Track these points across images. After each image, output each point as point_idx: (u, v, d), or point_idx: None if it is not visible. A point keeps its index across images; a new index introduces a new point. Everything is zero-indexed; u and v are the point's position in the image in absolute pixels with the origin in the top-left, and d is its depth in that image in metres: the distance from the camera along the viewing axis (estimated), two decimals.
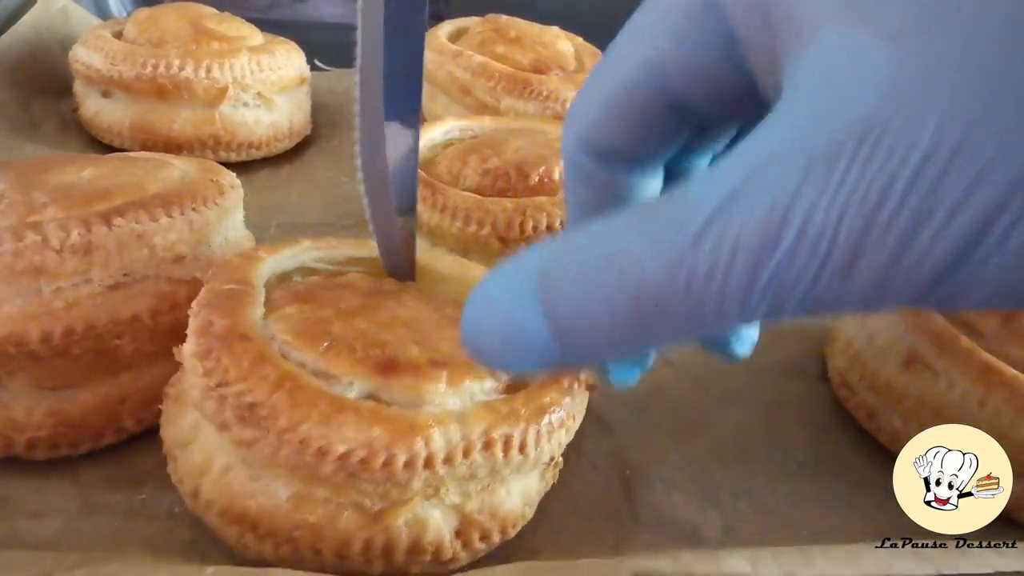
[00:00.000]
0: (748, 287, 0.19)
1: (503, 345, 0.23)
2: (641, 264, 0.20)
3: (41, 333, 0.33)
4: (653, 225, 0.20)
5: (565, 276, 0.22)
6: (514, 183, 0.49)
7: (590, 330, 0.22)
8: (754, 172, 0.19)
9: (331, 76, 0.82)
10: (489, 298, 0.24)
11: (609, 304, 0.21)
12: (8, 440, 0.34)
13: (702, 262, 0.19)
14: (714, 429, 0.42)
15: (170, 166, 0.41)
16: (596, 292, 0.21)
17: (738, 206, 0.19)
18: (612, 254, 0.21)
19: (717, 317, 0.20)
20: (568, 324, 0.22)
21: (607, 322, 0.21)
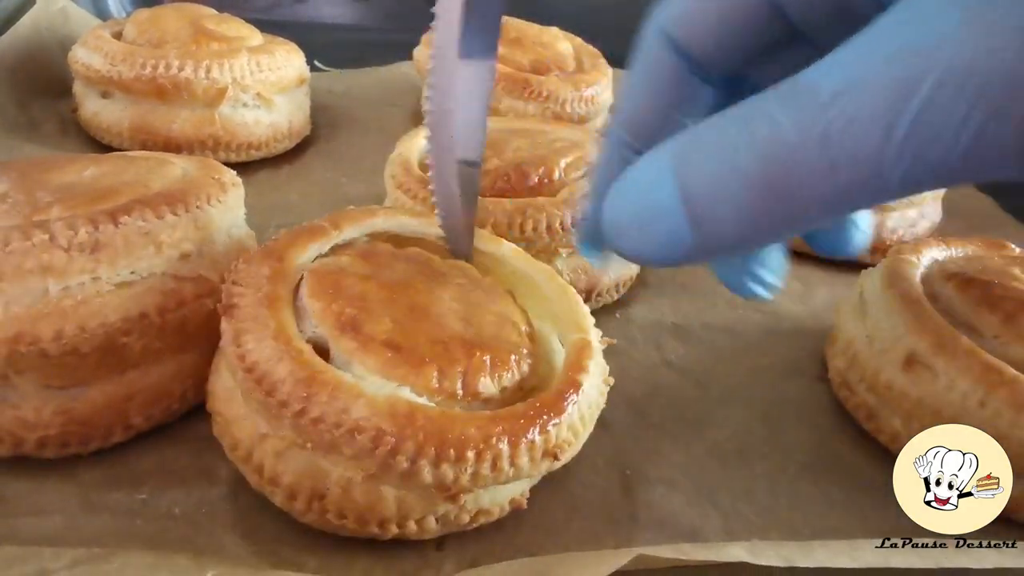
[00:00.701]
0: (884, 140, 0.19)
1: (638, 225, 0.24)
2: (776, 123, 0.20)
3: (52, 332, 0.33)
4: (789, 91, 0.21)
5: (699, 148, 0.22)
6: (514, 183, 0.49)
7: (722, 205, 0.22)
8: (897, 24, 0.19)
9: (331, 77, 0.82)
10: (630, 181, 0.24)
11: (742, 169, 0.21)
12: (18, 439, 0.34)
13: (838, 117, 0.19)
14: (714, 429, 0.42)
15: (171, 164, 0.41)
16: (729, 156, 0.21)
17: (875, 59, 0.19)
18: (747, 118, 0.21)
19: (851, 181, 0.20)
20: (700, 197, 0.22)
21: (739, 192, 0.21)
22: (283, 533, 0.34)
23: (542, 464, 0.31)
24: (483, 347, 0.32)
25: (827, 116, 0.20)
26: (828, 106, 0.20)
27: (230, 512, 0.34)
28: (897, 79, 0.19)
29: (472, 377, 0.31)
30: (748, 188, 0.21)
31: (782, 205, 0.21)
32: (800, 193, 0.21)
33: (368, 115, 0.76)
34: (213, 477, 0.36)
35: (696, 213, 0.22)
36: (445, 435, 0.29)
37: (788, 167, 0.20)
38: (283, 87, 0.64)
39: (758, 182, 0.21)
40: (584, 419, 0.33)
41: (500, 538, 0.35)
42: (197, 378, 0.38)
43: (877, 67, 0.19)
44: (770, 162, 0.21)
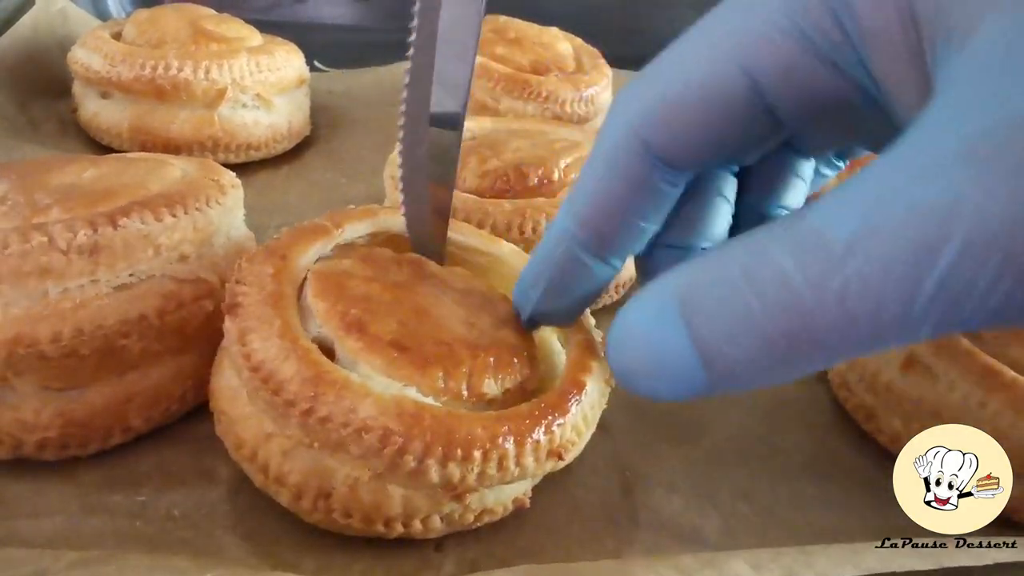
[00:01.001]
0: (907, 303, 0.18)
1: (650, 372, 0.23)
2: (787, 279, 0.19)
3: (51, 334, 0.33)
4: (798, 237, 0.20)
5: (706, 298, 0.21)
6: (513, 184, 0.49)
7: (736, 352, 0.21)
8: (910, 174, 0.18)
9: (330, 77, 0.82)
10: (632, 325, 0.23)
11: (755, 325, 0.20)
12: (17, 441, 0.34)
13: (855, 274, 0.18)
14: (713, 431, 0.42)
15: (170, 166, 0.41)
16: (741, 312, 0.20)
17: (892, 211, 0.18)
18: (755, 270, 0.20)
19: (873, 335, 0.19)
20: (714, 348, 0.21)
21: (753, 343, 0.20)
22: (283, 534, 0.34)
23: (546, 464, 0.31)
24: (486, 349, 0.32)
25: (844, 272, 0.19)
26: (843, 261, 0.19)
27: (230, 513, 0.34)
28: (917, 241, 0.18)
29: (477, 378, 0.31)
30: (763, 341, 0.20)
31: (800, 354, 0.20)
32: (819, 344, 0.20)
33: (368, 115, 0.76)
34: (213, 478, 0.36)
35: (710, 359, 0.21)
36: (452, 435, 0.29)
37: (805, 322, 0.19)
38: (283, 88, 0.64)
39: (774, 337, 0.20)
40: (587, 419, 0.33)
41: (500, 539, 0.35)
42: (196, 380, 0.38)
43: (893, 224, 0.18)
44: (785, 318, 0.20)
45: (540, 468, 0.31)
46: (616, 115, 0.26)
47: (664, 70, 0.25)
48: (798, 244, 0.20)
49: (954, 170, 0.18)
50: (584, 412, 0.33)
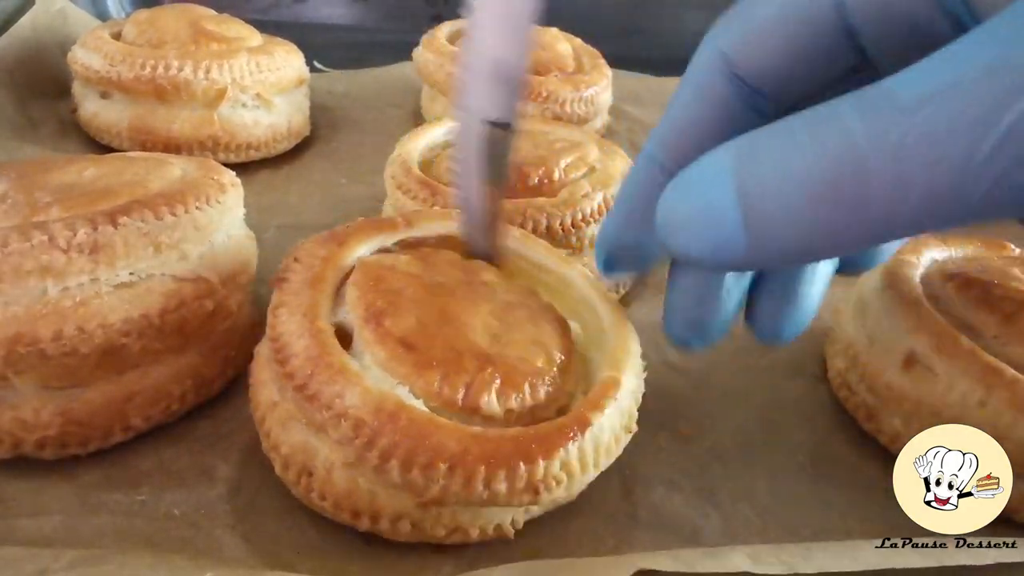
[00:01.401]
0: (966, 157, 0.18)
1: (691, 225, 0.22)
2: (847, 129, 0.19)
3: (51, 332, 0.33)
4: (867, 97, 0.19)
5: (762, 149, 0.21)
6: (514, 184, 0.49)
7: (780, 211, 0.20)
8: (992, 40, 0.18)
9: (330, 77, 0.82)
10: (687, 177, 0.23)
11: (804, 174, 0.20)
12: (17, 440, 0.34)
13: (917, 126, 0.18)
14: (714, 430, 0.42)
15: (170, 165, 0.41)
16: (793, 160, 0.20)
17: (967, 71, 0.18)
18: (817, 122, 0.20)
19: (923, 199, 0.18)
20: (758, 200, 0.21)
21: (799, 199, 0.20)
22: (282, 533, 0.34)
23: (522, 496, 0.30)
24: (498, 365, 0.31)
25: (905, 125, 0.18)
26: (908, 114, 0.18)
27: (229, 513, 0.34)
28: (989, 92, 0.17)
29: (476, 390, 0.31)
30: (809, 196, 0.20)
31: (844, 219, 0.20)
32: (866, 209, 0.19)
33: (368, 116, 0.76)
34: (212, 478, 0.36)
35: (753, 217, 0.21)
36: (421, 440, 0.29)
37: (856, 177, 0.19)
38: (282, 88, 0.64)
39: (821, 191, 0.19)
40: (586, 461, 0.31)
41: (499, 539, 0.35)
42: (196, 379, 0.38)
43: (969, 77, 0.18)
44: (836, 170, 0.19)
45: (514, 498, 0.30)
46: (706, 43, 0.26)
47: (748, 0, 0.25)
48: (868, 101, 0.19)
49: None
50: (583, 453, 0.31)
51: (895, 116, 0.19)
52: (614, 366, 0.34)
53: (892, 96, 0.19)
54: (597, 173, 0.51)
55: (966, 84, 0.18)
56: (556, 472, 0.30)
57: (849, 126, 0.19)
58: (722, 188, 0.21)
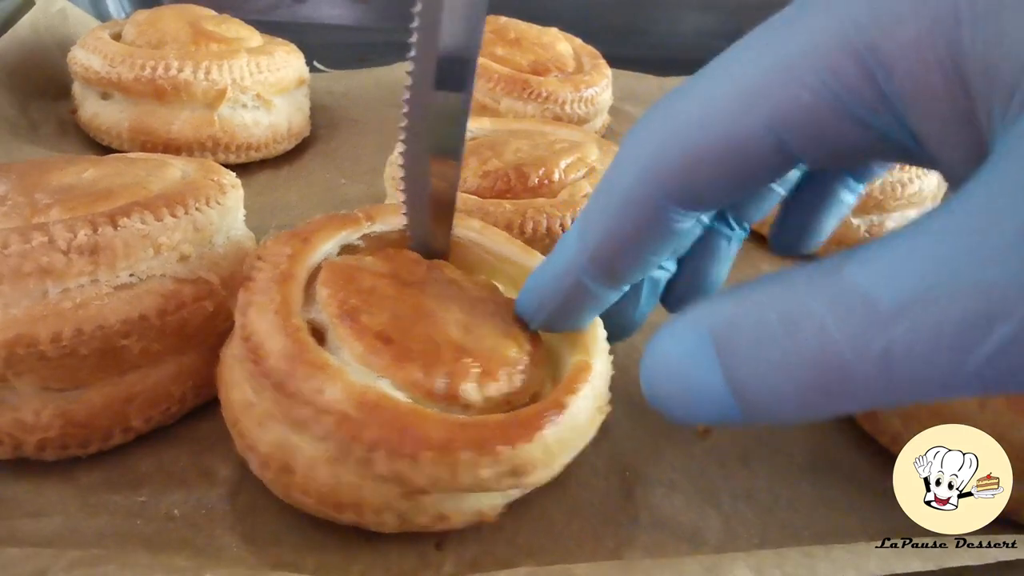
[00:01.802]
0: (954, 369, 0.18)
1: (685, 403, 0.23)
2: (827, 334, 0.19)
3: (51, 334, 0.32)
4: (840, 292, 0.19)
5: (743, 338, 0.21)
6: (514, 185, 0.49)
7: (771, 395, 0.21)
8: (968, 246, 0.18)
9: (330, 78, 0.82)
10: (666, 355, 0.24)
11: (791, 372, 0.20)
12: (17, 441, 0.34)
13: (900, 340, 0.18)
14: (714, 431, 0.42)
15: (170, 166, 0.41)
16: (777, 358, 0.20)
17: (947, 282, 0.18)
18: (794, 319, 0.20)
19: (913, 393, 0.19)
20: (748, 388, 0.21)
21: (789, 389, 0.20)
22: (282, 534, 0.34)
23: (505, 480, 0.30)
24: (475, 355, 0.32)
25: (889, 335, 0.18)
26: (889, 324, 0.18)
27: (229, 513, 0.34)
28: (972, 312, 0.17)
29: (455, 380, 0.31)
30: (798, 387, 0.20)
31: (834, 402, 0.20)
32: (855, 396, 0.20)
33: (368, 116, 0.76)
34: (212, 479, 0.36)
35: (744, 396, 0.22)
36: (406, 431, 0.29)
37: (843, 377, 0.19)
38: (282, 88, 0.64)
39: (809, 383, 0.20)
40: (564, 443, 0.32)
41: (500, 538, 0.35)
42: (196, 380, 0.38)
43: (947, 294, 0.18)
44: (822, 371, 0.20)
45: (498, 483, 0.30)
46: (633, 153, 0.25)
47: (684, 112, 0.24)
48: (839, 300, 0.19)
49: (1016, 251, 0.17)
50: (561, 435, 0.31)
51: (875, 327, 0.19)
52: (583, 351, 0.35)
53: (867, 300, 0.19)
54: (597, 173, 0.51)
55: (944, 298, 0.18)
56: (537, 455, 0.31)
57: (828, 330, 0.19)
58: (708, 371, 0.22)
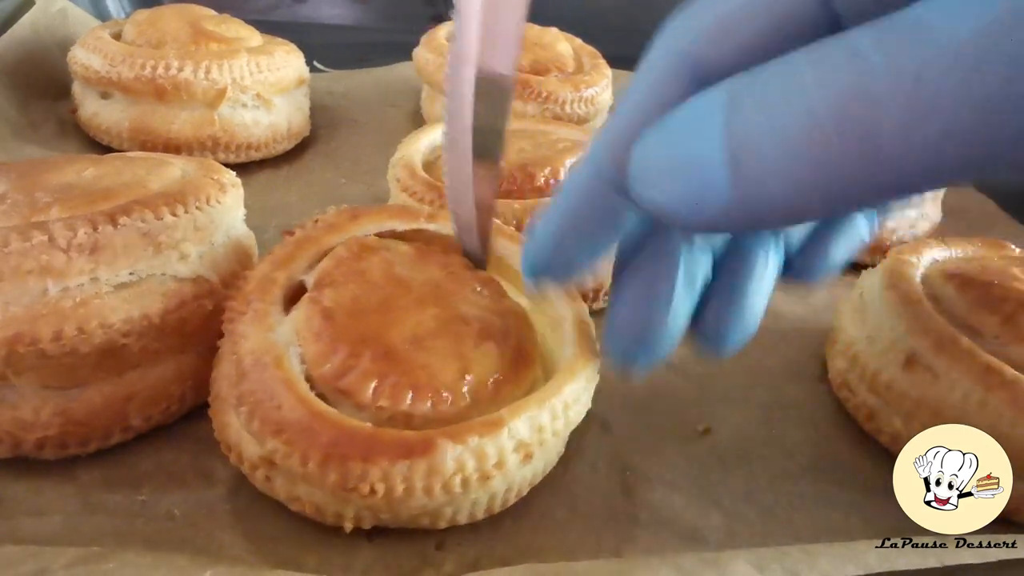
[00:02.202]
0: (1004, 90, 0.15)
1: (668, 170, 0.20)
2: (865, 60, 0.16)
3: (51, 332, 0.32)
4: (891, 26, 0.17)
5: (759, 86, 0.18)
6: (520, 184, 0.49)
7: (775, 156, 0.18)
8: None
9: (330, 77, 0.82)
10: (670, 124, 0.20)
11: (808, 112, 0.17)
12: (17, 440, 0.34)
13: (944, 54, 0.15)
14: (714, 431, 0.42)
15: (170, 165, 0.41)
16: (795, 97, 0.17)
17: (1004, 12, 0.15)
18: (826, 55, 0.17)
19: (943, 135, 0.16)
20: (750, 143, 0.18)
21: (799, 142, 0.17)
22: (282, 532, 0.34)
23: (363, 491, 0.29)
24: (394, 362, 0.31)
25: (930, 53, 0.16)
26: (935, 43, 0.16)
27: (229, 512, 0.34)
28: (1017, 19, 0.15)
29: (357, 378, 0.31)
30: (810, 136, 0.17)
31: (847, 161, 0.17)
32: (874, 146, 0.16)
33: (368, 116, 0.76)
34: (212, 478, 0.36)
35: (742, 166, 0.18)
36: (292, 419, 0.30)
37: (866, 106, 0.16)
38: (282, 88, 0.64)
39: (824, 128, 0.17)
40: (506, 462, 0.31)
41: (500, 537, 0.35)
42: (196, 379, 0.38)
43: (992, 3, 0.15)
44: (843, 101, 0.17)
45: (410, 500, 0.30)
46: (661, 45, 0.23)
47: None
48: (891, 32, 0.16)
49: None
50: (468, 467, 0.30)
51: (920, 44, 0.16)
52: (515, 407, 0.32)
53: (929, 28, 0.16)
54: None
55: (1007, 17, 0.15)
56: (375, 482, 0.29)
57: (869, 57, 0.16)
58: (709, 135, 0.19)
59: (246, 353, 0.32)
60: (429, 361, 0.32)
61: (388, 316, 0.33)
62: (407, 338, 0.32)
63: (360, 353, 0.31)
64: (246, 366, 0.31)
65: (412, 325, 0.33)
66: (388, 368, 0.31)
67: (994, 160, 0.16)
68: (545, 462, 0.35)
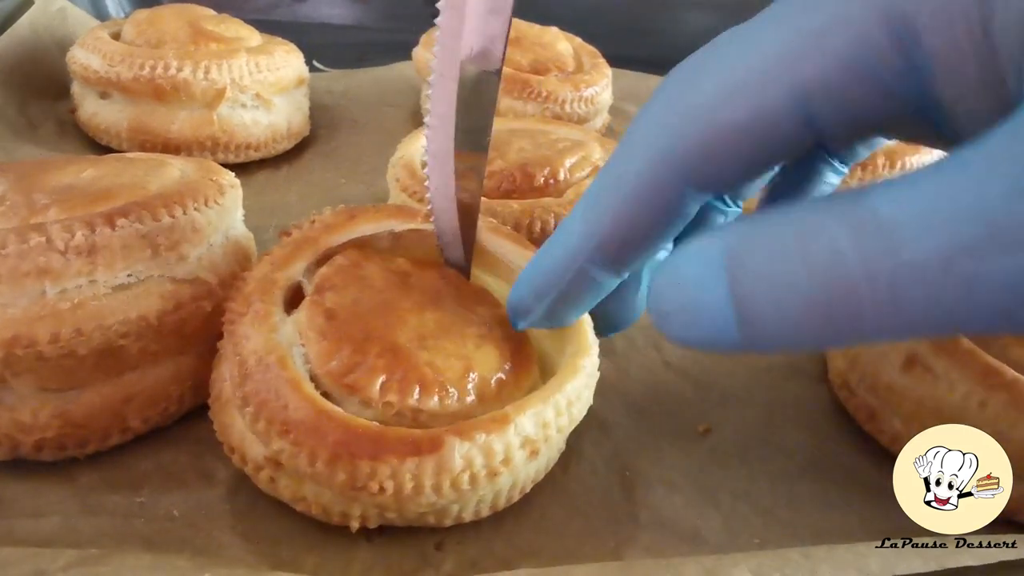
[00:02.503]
0: (966, 294, 0.18)
1: (684, 318, 0.23)
2: (840, 254, 0.19)
3: (49, 334, 0.32)
4: (859, 216, 0.19)
5: (755, 257, 0.21)
6: (519, 185, 0.49)
7: (774, 314, 0.21)
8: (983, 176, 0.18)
9: (329, 77, 0.82)
10: (676, 269, 0.23)
11: (799, 293, 0.20)
12: (15, 441, 0.34)
13: (912, 262, 0.18)
14: (714, 431, 0.42)
15: (169, 166, 0.41)
16: (786, 278, 0.20)
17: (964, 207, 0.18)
18: (809, 242, 0.20)
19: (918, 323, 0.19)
20: (752, 304, 0.21)
21: (793, 309, 0.20)
22: (282, 534, 0.34)
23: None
24: (399, 359, 0.31)
25: (901, 258, 0.18)
26: (902, 247, 0.18)
27: (229, 513, 0.34)
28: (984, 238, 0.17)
29: (364, 374, 0.31)
30: (804, 309, 0.20)
31: (836, 328, 0.20)
32: (858, 323, 0.20)
33: (367, 116, 0.76)
34: (211, 479, 0.36)
35: (746, 318, 0.21)
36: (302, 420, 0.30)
37: (850, 300, 0.19)
38: (282, 88, 0.64)
39: (815, 307, 0.20)
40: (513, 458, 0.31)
41: (500, 537, 0.35)
42: (195, 380, 0.38)
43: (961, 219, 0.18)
44: (831, 293, 0.20)
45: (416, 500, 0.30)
46: (645, 137, 0.25)
47: (702, 90, 0.23)
48: (857, 223, 0.19)
49: None
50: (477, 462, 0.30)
51: (888, 248, 0.19)
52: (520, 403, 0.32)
53: (884, 223, 0.19)
54: None
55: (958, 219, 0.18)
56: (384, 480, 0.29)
57: (841, 249, 0.19)
58: (715, 289, 0.22)
59: (249, 354, 0.32)
60: (434, 359, 0.32)
61: (390, 317, 0.33)
62: (411, 337, 0.33)
63: (366, 350, 0.31)
64: (250, 367, 0.31)
65: (414, 326, 0.33)
66: (395, 364, 0.31)
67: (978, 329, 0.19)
68: (548, 459, 0.36)
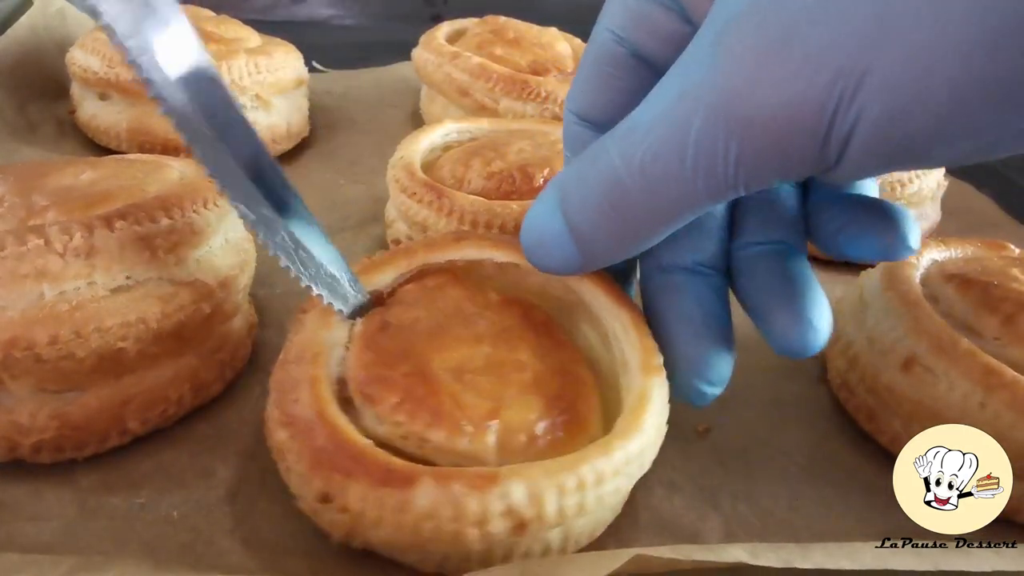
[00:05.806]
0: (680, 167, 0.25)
1: (541, 249, 0.30)
2: (609, 157, 0.26)
3: (47, 336, 0.32)
4: (619, 129, 0.27)
5: (571, 185, 0.28)
6: (519, 185, 0.49)
7: (591, 229, 0.28)
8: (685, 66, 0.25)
9: (329, 78, 0.82)
10: (534, 211, 0.31)
11: (594, 198, 0.27)
12: (13, 444, 0.34)
13: (647, 150, 0.25)
14: (714, 431, 0.42)
15: (168, 168, 0.41)
16: (587, 192, 0.27)
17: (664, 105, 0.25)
18: (595, 154, 0.27)
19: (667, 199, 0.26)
20: (577, 225, 0.28)
21: (597, 217, 0.27)
22: (282, 537, 0.34)
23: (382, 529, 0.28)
24: (427, 385, 0.31)
25: (640, 150, 0.25)
26: (641, 141, 0.25)
27: (228, 515, 0.34)
28: (677, 119, 0.24)
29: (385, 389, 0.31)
30: (601, 214, 0.27)
31: (627, 224, 0.27)
32: (635, 213, 0.26)
33: (367, 116, 0.76)
34: (211, 480, 0.36)
35: (578, 239, 0.29)
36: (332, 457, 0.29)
37: (621, 193, 0.26)
38: (281, 88, 0.64)
39: (605, 208, 0.27)
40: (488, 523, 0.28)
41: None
42: (194, 382, 0.38)
43: (664, 109, 0.25)
44: (609, 190, 0.27)
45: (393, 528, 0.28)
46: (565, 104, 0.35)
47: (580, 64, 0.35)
48: (618, 133, 0.27)
49: (706, 58, 0.24)
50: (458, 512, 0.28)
51: (635, 144, 0.26)
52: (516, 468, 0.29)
53: (634, 126, 0.26)
54: None
55: (662, 116, 0.25)
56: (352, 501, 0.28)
57: (610, 154, 0.26)
58: (556, 220, 0.29)
59: (294, 344, 0.33)
60: (462, 393, 0.31)
61: (439, 342, 0.32)
62: (449, 367, 0.32)
63: (395, 365, 0.31)
64: (290, 356, 0.32)
65: (459, 357, 0.32)
66: (416, 387, 0.31)
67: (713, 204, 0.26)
68: (565, 537, 0.32)
